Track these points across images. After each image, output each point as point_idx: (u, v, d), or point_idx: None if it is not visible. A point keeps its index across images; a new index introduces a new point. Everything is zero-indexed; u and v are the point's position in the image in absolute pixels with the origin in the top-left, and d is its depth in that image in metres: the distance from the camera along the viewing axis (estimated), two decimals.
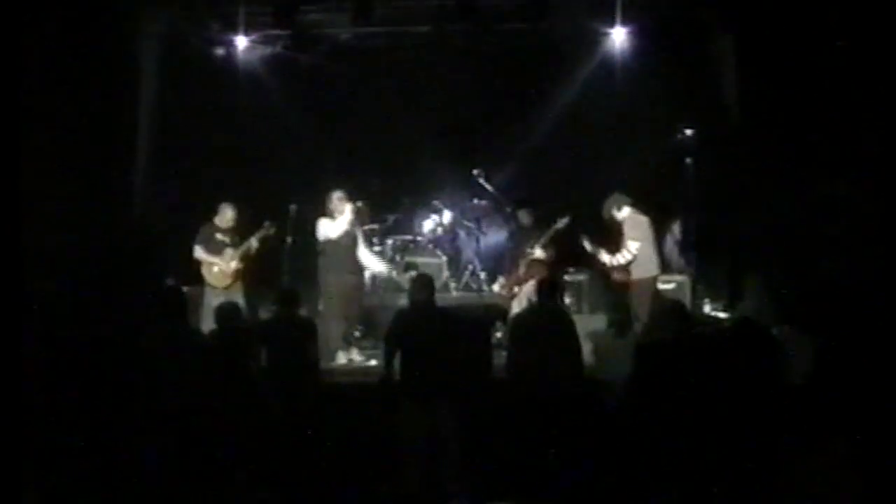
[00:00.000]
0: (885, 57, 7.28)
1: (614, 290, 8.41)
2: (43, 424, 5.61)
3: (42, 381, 5.76)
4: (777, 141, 8.76)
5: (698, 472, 5.69)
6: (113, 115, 8.78)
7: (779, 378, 5.79)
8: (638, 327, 7.22)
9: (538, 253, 8.73)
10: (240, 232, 8.93)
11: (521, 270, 8.72)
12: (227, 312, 6.79)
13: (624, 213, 8.32)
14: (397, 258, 9.93)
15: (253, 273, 9.00)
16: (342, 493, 6.35)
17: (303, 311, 7.65)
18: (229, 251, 8.80)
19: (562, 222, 8.69)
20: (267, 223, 8.91)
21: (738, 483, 5.50)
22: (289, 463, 6.25)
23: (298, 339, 6.68)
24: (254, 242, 8.84)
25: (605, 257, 8.33)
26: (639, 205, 8.39)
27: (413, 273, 9.14)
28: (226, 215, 8.86)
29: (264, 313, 8.48)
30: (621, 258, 8.22)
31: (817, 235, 8.34)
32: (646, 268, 8.26)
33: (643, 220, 8.31)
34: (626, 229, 8.26)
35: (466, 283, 10.05)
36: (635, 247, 8.19)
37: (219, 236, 8.83)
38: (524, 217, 8.98)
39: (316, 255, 8.71)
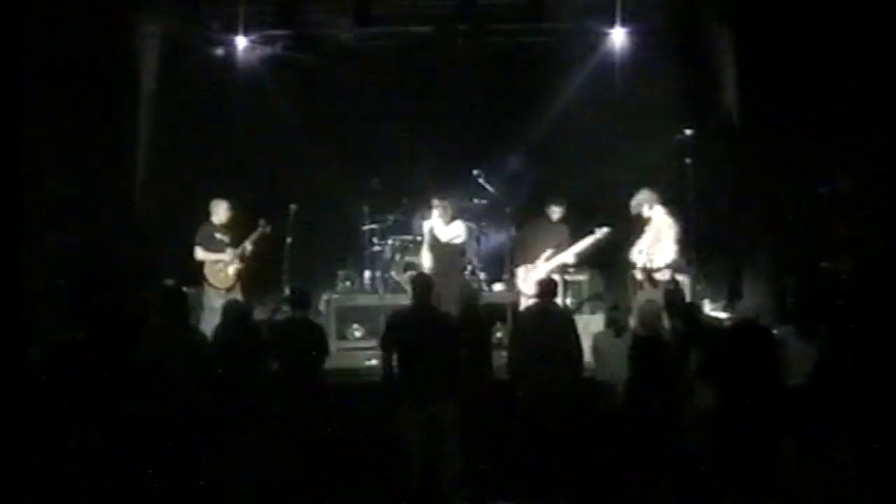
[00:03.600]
0: (885, 56, 7.28)
1: (634, 290, 8.30)
2: (43, 425, 5.60)
3: (42, 382, 5.76)
4: (777, 141, 8.77)
5: (698, 472, 5.70)
6: (113, 114, 8.78)
7: (779, 377, 5.79)
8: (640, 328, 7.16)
9: (569, 258, 8.68)
10: (239, 230, 8.89)
11: (547, 269, 8.61)
12: (235, 311, 6.80)
13: (655, 211, 8.21)
14: (397, 258, 9.92)
15: (254, 273, 8.99)
16: (343, 494, 6.35)
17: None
18: (230, 251, 8.77)
19: (601, 232, 8.60)
20: (262, 222, 8.88)
21: (739, 482, 5.51)
22: (290, 463, 6.25)
23: (307, 341, 6.67)
24: (248, 245, 8.81)
25: (643, 259, 8.10)
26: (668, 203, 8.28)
27: (413, 273, 9.13)
28: (220, 212, 8.80)
29: (265, 313, 8.48)
30: (658, 262, 8.07)
31: (818, 235, 8.35)
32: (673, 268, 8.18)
33: (674, 223, 8.19)
34: (661, 230, 8.07)
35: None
36: (675, 250, 8.06)
37: (218, 235, 8.77)
38: (554, 212, 8.89)
39: (314, 254, 8.75)
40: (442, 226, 8.92)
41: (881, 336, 6.02)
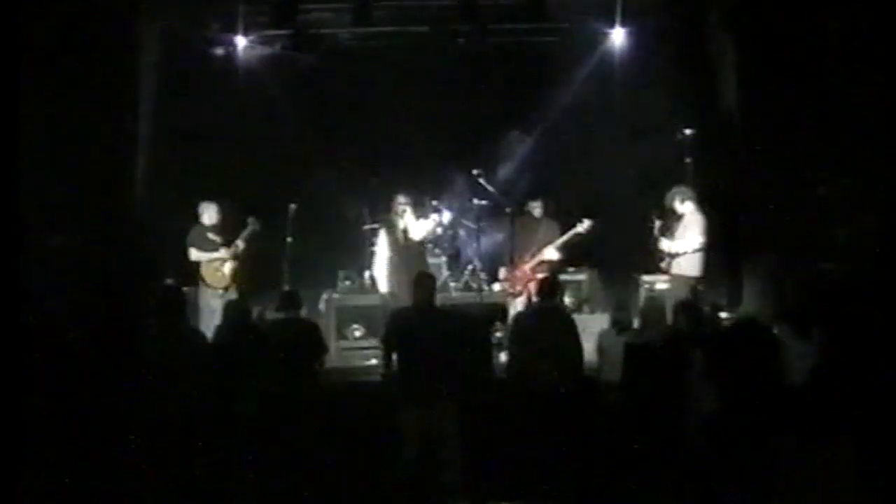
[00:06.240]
0: (885, 55, 7.28)
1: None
2: (42, 425, 5.61)
3: (42, 381, 5.76)
4: (778, 141, 8.76)
5: (698, 472, 5.69)
6: (112, 114, 8.77)
7: (780, 378, 5.78)
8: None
9: (552, 254, 8.64)
10: (231, 230, 8.90)
11: (528, 267, 8.63)
12: (234, 311, 6.79)
13: (686, 207, 8.24)
14: None
15: (251, 273, 8.99)
16: (342, 494, 6.35)
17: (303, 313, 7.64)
18: (223, 250, 8.78)
19: (583, 226, 8.60)
20: (251, 220, 8.90)
21: (739, 483, 5.50)
22: (289, 464, 6.25)
23: (301, 342, 6.66)
24: (240, 243, 8.82)
25: (664, 243, 8.22)
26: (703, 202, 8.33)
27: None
28: (210, 214, 8.82)
29: (263, 313, 8.47)
30: (679, 247, 8.12)
31: (818, 235, 8.34)
32: (693, 266, 8.21)
33: (703, 220, 8.23)
34: (689, 223, 8.18)
35: (466, 283, 10.04)
36: (698, 241, 8.10)
37: (210, 236, 8.79)
38: (535, 209, 8.90)
39: (314, 254, 8.87)
40: (409, 224, 8.77)
41: (881, 336, 6.02)
